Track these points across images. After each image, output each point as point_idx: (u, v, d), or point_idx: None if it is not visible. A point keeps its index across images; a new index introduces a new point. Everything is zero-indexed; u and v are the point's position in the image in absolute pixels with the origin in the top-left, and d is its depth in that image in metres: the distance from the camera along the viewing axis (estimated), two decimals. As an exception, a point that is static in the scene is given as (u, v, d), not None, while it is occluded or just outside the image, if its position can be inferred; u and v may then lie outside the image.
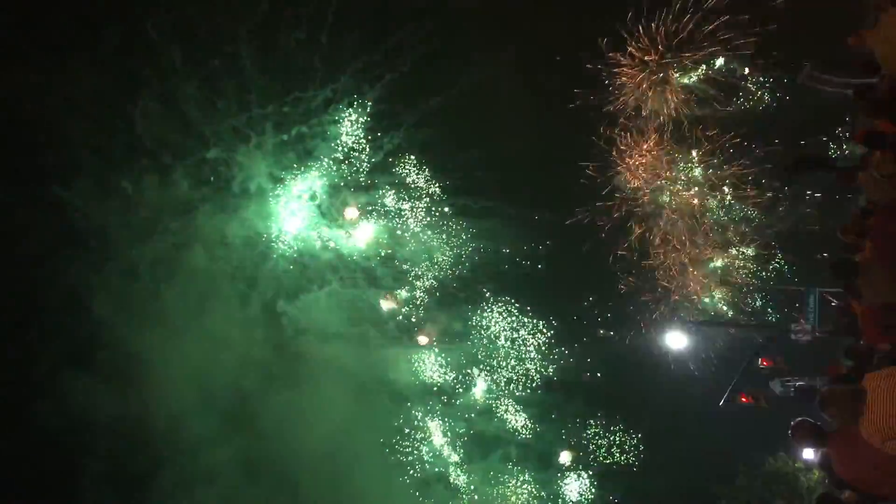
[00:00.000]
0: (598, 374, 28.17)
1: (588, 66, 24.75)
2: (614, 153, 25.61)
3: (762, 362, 19.32)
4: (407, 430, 28.77)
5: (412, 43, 26.16)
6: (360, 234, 28.84)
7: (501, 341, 28.83)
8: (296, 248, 28.81)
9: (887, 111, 9.84)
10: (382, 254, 28.79)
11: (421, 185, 28.42)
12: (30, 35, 25.34)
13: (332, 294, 28.91)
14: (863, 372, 8.29)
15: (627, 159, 25.60)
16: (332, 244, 28.80)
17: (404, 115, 27.68)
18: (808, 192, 24.41)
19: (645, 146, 25.49)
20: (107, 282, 26.94)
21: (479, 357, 28.99)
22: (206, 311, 27.61)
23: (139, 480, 26.28)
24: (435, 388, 28.99)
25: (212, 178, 28.13)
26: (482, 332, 28.91)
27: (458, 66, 26.19)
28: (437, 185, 28.33)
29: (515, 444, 28.82)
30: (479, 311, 28.87)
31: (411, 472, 28.43)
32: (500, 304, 28.79)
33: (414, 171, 28.35)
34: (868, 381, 6.33)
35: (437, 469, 28.70)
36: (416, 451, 28.62)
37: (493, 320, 28.79)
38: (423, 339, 28.94)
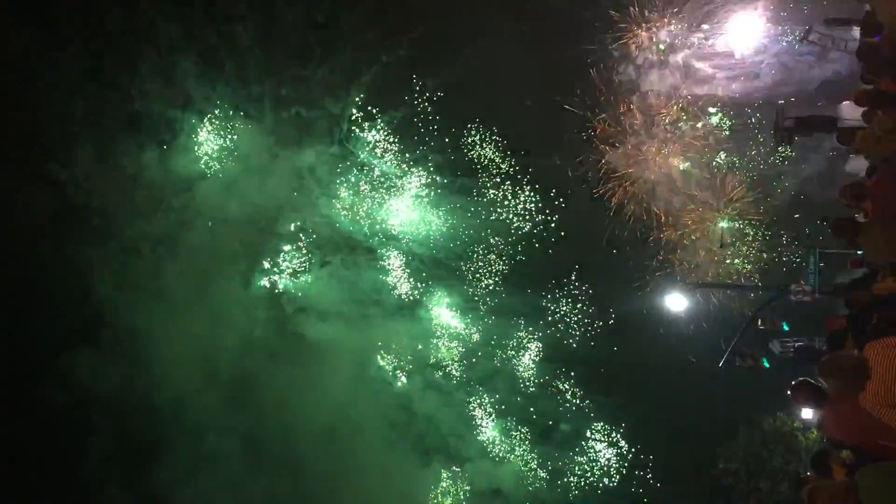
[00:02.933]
0: (597, 332, 28.37)
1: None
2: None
3: (761, 323, 19.42)
4: (407, 405, 28.98)
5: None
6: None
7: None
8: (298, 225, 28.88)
9: (890, 70, 9.77)
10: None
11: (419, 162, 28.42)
12: (27, 11, 25.06)
13: (333, 273, 29.04)
14: (862, 324, 8.32)
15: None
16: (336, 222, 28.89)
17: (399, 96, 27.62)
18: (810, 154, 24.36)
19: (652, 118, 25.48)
20: (109, 260, 26.97)
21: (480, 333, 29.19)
22: (209, 288, 27.71)
23: (144, 456, 26.57)
24: (434, 362, 29.25)
25: (213, 156, 28.06)
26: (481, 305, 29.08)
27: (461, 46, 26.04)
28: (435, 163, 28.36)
29: (515, 416, 29.15)
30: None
31: (412, 445, 28.75)
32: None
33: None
34: (869, 351, 6.34)
35: (436, 441, 28.99)
36: (416, 426, 28.89)
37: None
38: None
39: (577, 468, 28.54)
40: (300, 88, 27.35)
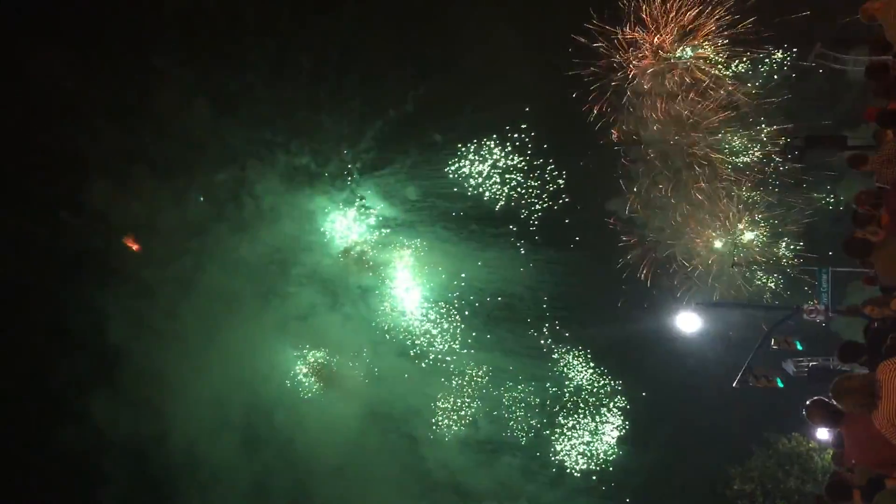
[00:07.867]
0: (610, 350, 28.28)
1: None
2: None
3: (775, 343, 19.24)
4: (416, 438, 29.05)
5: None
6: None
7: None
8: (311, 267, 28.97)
9: (900, 90, 9.78)
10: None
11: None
12: (46, 59, 25.41)
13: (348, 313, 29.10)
14: (877, 344, 8.26)
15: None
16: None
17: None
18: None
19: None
20: (127, 302, 26.99)
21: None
22: (226, 330, 27.74)
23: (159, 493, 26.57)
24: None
25: (230, 198, 28.28)
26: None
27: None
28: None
29: (522, 449, 29.10)
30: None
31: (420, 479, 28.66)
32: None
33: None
34: (881, 372, 6.29)
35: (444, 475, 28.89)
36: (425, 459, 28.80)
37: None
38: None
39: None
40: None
